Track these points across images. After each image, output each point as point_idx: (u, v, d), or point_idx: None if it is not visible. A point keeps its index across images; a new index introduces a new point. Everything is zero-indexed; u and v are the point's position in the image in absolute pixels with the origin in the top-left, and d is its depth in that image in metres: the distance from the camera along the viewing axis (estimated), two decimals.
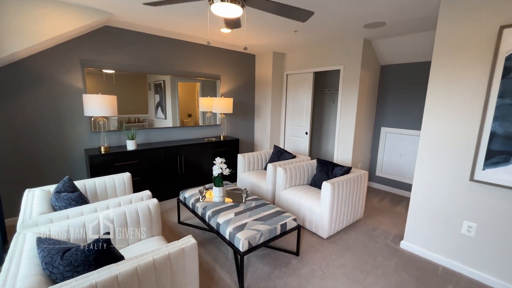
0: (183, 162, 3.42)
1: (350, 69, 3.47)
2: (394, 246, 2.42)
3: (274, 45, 3.86)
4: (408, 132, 3.63)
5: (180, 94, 3.74)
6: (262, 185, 3.16)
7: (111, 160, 2.81)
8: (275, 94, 4.44)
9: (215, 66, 4.08)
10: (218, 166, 2.42)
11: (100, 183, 2.29)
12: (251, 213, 2.14)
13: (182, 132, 3.85)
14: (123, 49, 3.10)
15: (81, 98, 2.85)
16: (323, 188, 2.40)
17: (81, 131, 2.94)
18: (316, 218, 2.50)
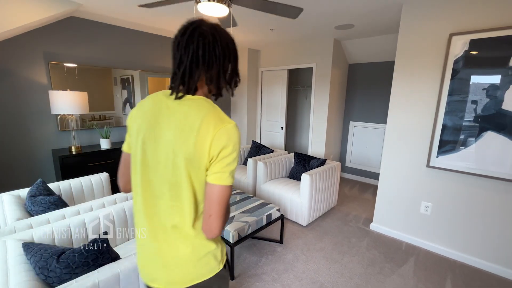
0: None
1: (322, 67, 3.69)
2: (364, 228, 2.69)
3: (249, 42, 3.92)
4: (374, 125, 3.99)
5: (150, 89, 3.61)
6: (243, 179, 3.25)
7: (84, 161, 2.66)
8: (250, 90, 4.52)
9: None
10: None
11: (76, 185, 2.18)
12: (237, 206, 2.22)
13: None
14: (91, 42, 2.91)
15: (46, 95, 2.64)
16: (303, 179, 2.57)
17: (47, 130, 2.72)
18: (296, 207, 2.67)
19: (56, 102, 2.46)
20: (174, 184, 0.71)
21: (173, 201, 0.72)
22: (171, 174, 0.71)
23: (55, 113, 2.53)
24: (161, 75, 3.69)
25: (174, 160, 0.69)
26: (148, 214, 0.76)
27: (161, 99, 0.76)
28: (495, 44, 1.83)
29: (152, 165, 0.73)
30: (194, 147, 0.68)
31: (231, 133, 0.70)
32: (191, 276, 0.75)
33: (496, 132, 1.89)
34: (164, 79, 3.76)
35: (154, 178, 0.73)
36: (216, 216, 0.70)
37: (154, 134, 0.72)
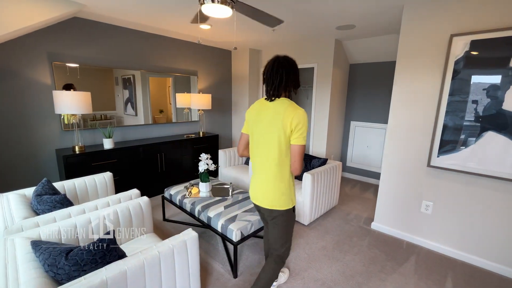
0: (163, 160, 3.38)
1: (323, 67, 3.71)
2: (366, 227, 2.71)
3: (251, 42, 3.94)
4: (375, 125, 4.00)
5: (151, 89, 3.61)
6: (245, 179, 3.27)
7: (87, 160, 2.68)
8: (252, 90, 4.54)
9: (192, 62, 4.04)
10: (204, 162, 2.47)
11: (80, 184, 2.20)
12: (240, 205, 2.24)
13: (160, 129, 3.78)
14: (94, 42, 2.93)
15: (49, 95, 2.66)
16: (304, 178, 2.59)
17: (51, 130, 2.74)
18: (297, 206, 2.69)
19: (59, 102, 2.48)
20: (270, 145, 1.32)
21: (269, 154, 1.34)
22: (269, 140, 1.32)
23: (59, 113, 2.55)
24: (161, 75, 3.70)
25: (271, 134, 1.31)
26: (259, 162, 1.41)
27: (262, 101, 1.41)
28: (496, 44, 1.84)
29: (258, 137, 1.38)
30: (281, 124, 1.27)
31: (301, 116, 1.27)
32: (274, 203, 1.37)
33: (496, 132, 1.91)
34: (164, 79, 3.77)
35: (261, 143, 1.37)
36: (298, 162, 1.29)
37: (259, 120, 1.37)
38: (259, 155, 1.39)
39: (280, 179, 1.35)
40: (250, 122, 1.42)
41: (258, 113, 1.38)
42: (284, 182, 1.35)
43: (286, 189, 1.36)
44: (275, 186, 1.35)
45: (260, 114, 1.37)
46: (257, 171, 1.43)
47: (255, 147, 1.41)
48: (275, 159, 1.32)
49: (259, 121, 1.36)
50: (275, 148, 1.30)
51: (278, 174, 1.34)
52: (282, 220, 1.41)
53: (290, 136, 1.28)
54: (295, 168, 1.30)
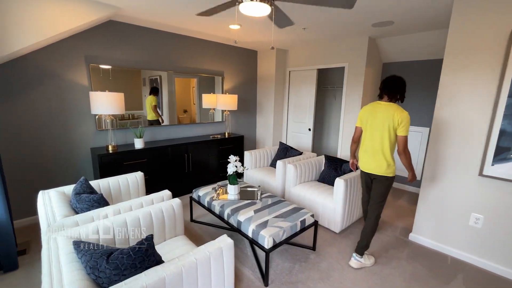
0: (190, 160, 3.39)
1: (355, 67, 3.53)
2: (403, 238, 2.53)
3: (278, 42, 3.85)
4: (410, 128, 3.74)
5: (177, 89, 3.65)
6: (271, 181, 3.20)
7: (120, 159, 2.75)
8: (277, 91, 4.46)
9: (219, 63, 4.04)
10: (233, 164, 2.43)
11: (114, 183, 2.25)
12: (270, 210, 2.17)
13: (186, 130, 3.81)
14: (126, 44, 3.00)
15: (85, 96, 2.76)
16: (337, 184, 2.47)
17: (87, 129, 2.85)
18: (328, 213, 2.56)
19: (95, 102, 2.56)
20: (381, 136, 1.91)
21: (381, 142, 1.93)
22: (381, 132, 1.91)
23: (94, 113, 2.63)
24: (186, 76, 3.71)
25: (383, 126, 1.90)
26: (371, 146, 2.00)
27: (374, 104, 2.00)
28: None
29: (372, 128, 1.97)
30: (392, 120, 1.86)
31: (405, 116, 1.84)
32: (383, 171, 1.95)
33: None
34: (188, 79, 3.79)
35: (374, 134, 1.96)
36: (401, 146, 1.88)
37: (374, 116, 1.95)
38: (371, 140, 2.00)
39: (388, 157, 1.95)
40: (364, 118, 2.05)
41: (372, 112, 1.99)
42: (389, 159, 1.95)
43: (390, 163, 1.95)
44: (385, 160, 1.95)
45: (374, 112, 1.97)
46: (369, 152, 2.03)
47: (369, 135, 2.02)
48: (386, 143, 1.93)
49: (374, 117, 1.97)
50: (386, 137, 1.91)
51: (387, 154, 1.95)
52: (386, 183, 2.00)
53: (396, 129, 1.88)
54: (400, 150, 1.91)
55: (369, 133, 2.01)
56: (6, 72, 2.32)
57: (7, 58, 2.22)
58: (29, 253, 2.14)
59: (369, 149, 2.03)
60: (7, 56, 2.11)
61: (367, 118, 2.02)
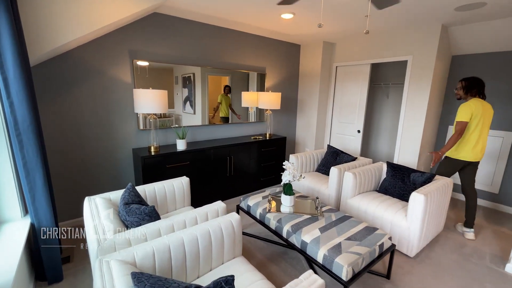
0: (232, 163, 3.14)
1: (421, 60, 3.04)
2: (497, 269, 2.05)
3: (326, 33, 3.47)
4: None
5: (210, 88, 3.43)
6: (322, 190, 2.84)
7: (162, 162, 2.56)
8: (322, 88, 4.07)
9: (261, 58, 3.75)
10: (290, 172, 2.12)
11: (160, 189, 2.05)
12: (338, 229, 1.83)
13: (225, 130, 3.57)
14: (167, 38, 2.80)
15: (128, 93, 2.61)
16: (414, 199, 2.06)
17: (129, 129, 2.70)
18: (400, 233, 2.16)
19: (139, 101, 2.39)
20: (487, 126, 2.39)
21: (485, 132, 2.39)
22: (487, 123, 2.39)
23: (138, 112, 2.46)
24: (220, 73, 3.45)
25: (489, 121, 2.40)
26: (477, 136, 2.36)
27: (478, 100, 2.36)
28: None
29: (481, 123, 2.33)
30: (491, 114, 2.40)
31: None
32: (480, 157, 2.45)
33: None
34: (219, 77, 3.52)
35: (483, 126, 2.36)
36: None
37: (483, 112, 2.32)
38: (479, 132, 2.34)
39: None
40: (474, 114, 2.31)
41: (480, 108, 2.31)
42: None
43: None
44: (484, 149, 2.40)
45: (482, 108, 2.31)
46: (475, 142, 2.35)
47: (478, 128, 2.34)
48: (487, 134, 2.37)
49: (482, 113, 2.30)
50: (488, 128, 2.36)
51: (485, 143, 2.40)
52: None
53: None
54: None
55: (479, 127, 2.35)
56: (51, 69, 2.21)
57: (53, 54, 2.10)
58: (73, 261, 2.00)
59: (475, 141, 2.38)
60: (52, 51, 1.98)
61: (477, 113, 2.32)
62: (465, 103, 2.37)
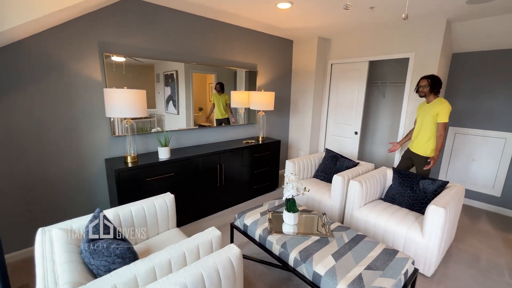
0: (223, 171, 2.80)
1: (425, 57, 2.85)
2: None
3: (322, 28, 3.20)
4: (488, 133, 3.06)
5: (195, 86, 3.09)
6: (324, 200, 2.58)
7: (142, 175, 2.17)
8: (317, 87, 3.81)
9: (252, 54, 3.42)
10: (294, 186, 1.82)
11: (138, 212, 1.68)
12: (354, 254, 1.56)
13: (214, 134, 3.22)
14: (145, 29, 2.42)
15: (98, 94, 2.20)
16: (432, 212, 1.83)
17: (101, 136, 2.28)
18: (416, 250, 1.93)
19: (112, 102, 1.98)
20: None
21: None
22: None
23: (110, 116, 2.05)
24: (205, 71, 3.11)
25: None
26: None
27: None
28: None
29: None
30: None
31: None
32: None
33: None
34: (204, 75, 3.18)
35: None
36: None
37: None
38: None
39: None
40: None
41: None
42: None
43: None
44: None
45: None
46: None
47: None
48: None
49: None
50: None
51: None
52: None
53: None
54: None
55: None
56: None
57: None
58: None
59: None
60: None
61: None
62: (446, 103, 2.37)
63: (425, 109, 2.50)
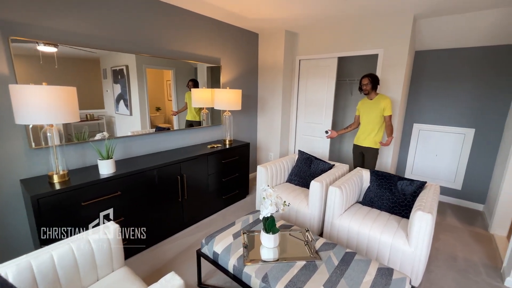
0: (185, 184, 2.38)
1: (393, 54, 2.80)
2: (497, 284, 1.87)
3: (289, 21, 2.97)
4: (449, 129, 3.16)
5: (149, 83, 2.66)
6: (301, 209, 2.35)
7: (75, 198, 1.66)
8: (285, 85, 3.58)
9: (215, 46, 3.03)
10: (272, 201, 1.52)
11: (63, 256, 1.21)
12: (348, 281, 1.32)
13: (175, 138, 2.77)
14: (85, 9, 1.88)
15: (4, 92, 1.61)
16: (419, 219, 1.70)
17: (13, 149, 1.69)
18: (403, 259, 1.79)
19: (23, 103, 1.44)
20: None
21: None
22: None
23: (22, 122, 1.50)
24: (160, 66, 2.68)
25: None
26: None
27: None
28: None
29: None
30: None
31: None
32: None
33: None
34: (161, 71, 2.76)
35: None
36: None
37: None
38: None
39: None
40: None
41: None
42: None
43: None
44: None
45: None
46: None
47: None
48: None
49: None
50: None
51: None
52: None
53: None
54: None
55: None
56: None
57: None
58: None
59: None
60: None
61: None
62: (389, 98, 2.58)
63: (368, 105, 2.67)
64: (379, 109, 2.59)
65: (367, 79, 2.61)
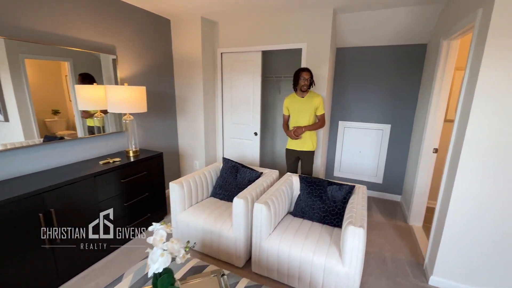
0: (54, 221, 1.65)
1: (316, 49, 2.65)
2: (422, 285, 1.84)
3: (206, 6, 2.51)
4: (369, 125, 3.24)
5: (33, 78, 1.90)
6: (224, 231, 1.93)
7: None
8: (206, 81, 3.10)
9: (106, 30, 2.31)
10: (167, 249, 1.03)
11: None
12: None
13: (53, 155, 1.97)
14: None
15: None
16: (351, 235, 1.48)
17: None
18: (337, 281, 1.56)
19: None
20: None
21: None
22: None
23: None
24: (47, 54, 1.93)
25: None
26: None
27: None
28: None
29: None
30: None
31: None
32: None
33: None
34: (57, 63, 2.05)
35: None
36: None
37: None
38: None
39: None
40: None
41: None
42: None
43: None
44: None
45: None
46: None
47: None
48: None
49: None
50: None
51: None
52: None
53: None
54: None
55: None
56: None
57: None
58: None
59: None
60: None
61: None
62: (320, 96, 2.40)
63: (299, 103, 2.40)
64: (313, 108, 2.37)
65: (308, 73, 2.32)
